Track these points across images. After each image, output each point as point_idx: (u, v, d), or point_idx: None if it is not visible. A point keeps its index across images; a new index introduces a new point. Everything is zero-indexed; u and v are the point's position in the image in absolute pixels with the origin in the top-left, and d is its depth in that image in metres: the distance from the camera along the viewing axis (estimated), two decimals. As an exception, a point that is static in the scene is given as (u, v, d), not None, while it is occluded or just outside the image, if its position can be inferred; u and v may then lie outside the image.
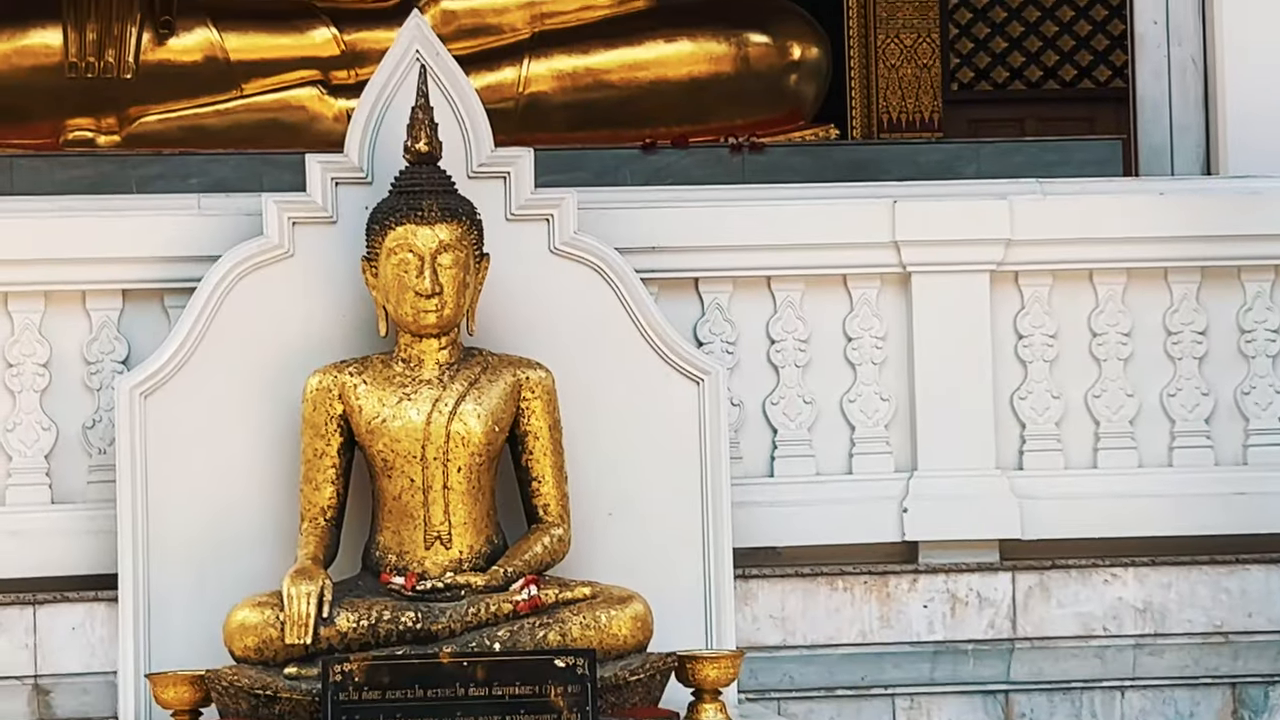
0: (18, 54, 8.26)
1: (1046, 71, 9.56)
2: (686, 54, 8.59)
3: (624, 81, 8.60)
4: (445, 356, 5.69)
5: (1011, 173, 7.64)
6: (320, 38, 8.53)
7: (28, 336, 6.04)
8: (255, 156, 7.85)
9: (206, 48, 8.41)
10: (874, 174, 7.88)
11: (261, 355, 5.89)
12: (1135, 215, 6.29)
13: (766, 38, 8.60)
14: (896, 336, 6.30)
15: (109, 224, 6.08)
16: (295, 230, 5.96)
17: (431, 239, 5.64)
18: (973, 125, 9.58)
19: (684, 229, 6.25)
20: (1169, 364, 6.33)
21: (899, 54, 9.50)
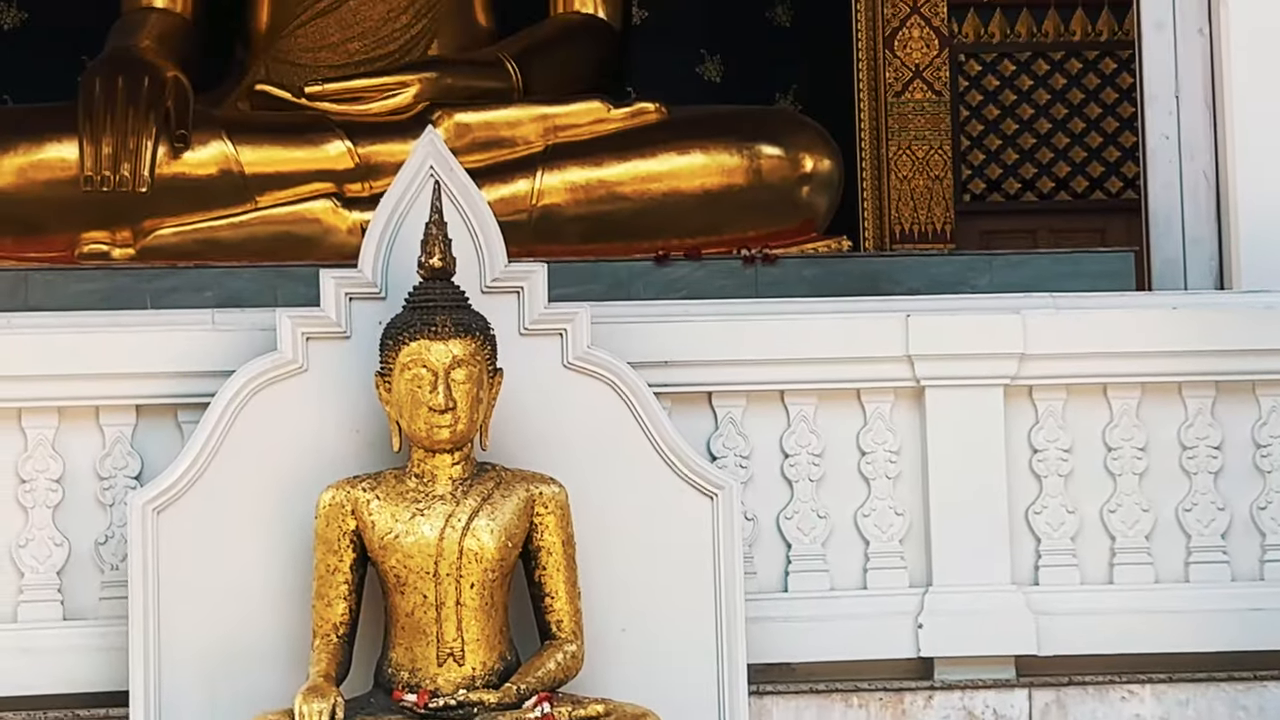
0: (33, 168, 8.30)
1: (1058, 183, 9.59)
2: (699, 166, 8.62)
3: (637, 193, 8.63)
4: (458, 472, 5.68)
5: (1024, 284, 7.65)
6: (334, 151, 8.57)
7: (41, 452, 6.04)
8: (270, 269, 7.87)
9: (221, 161, 8.45)
10: (887, 285, 7.88)
11: (275, 471, 5.89)
12: (1149, 329, 6.28)
13: (779, 150, 8.63)
14: (910, 451, 6.29)
15: (123, 339, 6.09)
16: (309, 345, 5.97)
17: (445, 354, 5.65)
18: (985, 236, 9.61)
19: (697, 343, 6.26)
20: (1184, 479, 6.31)
21: (911, 166, 9.54)
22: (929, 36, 9.55)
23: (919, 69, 9.54)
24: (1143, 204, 7.23)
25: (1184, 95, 7.04)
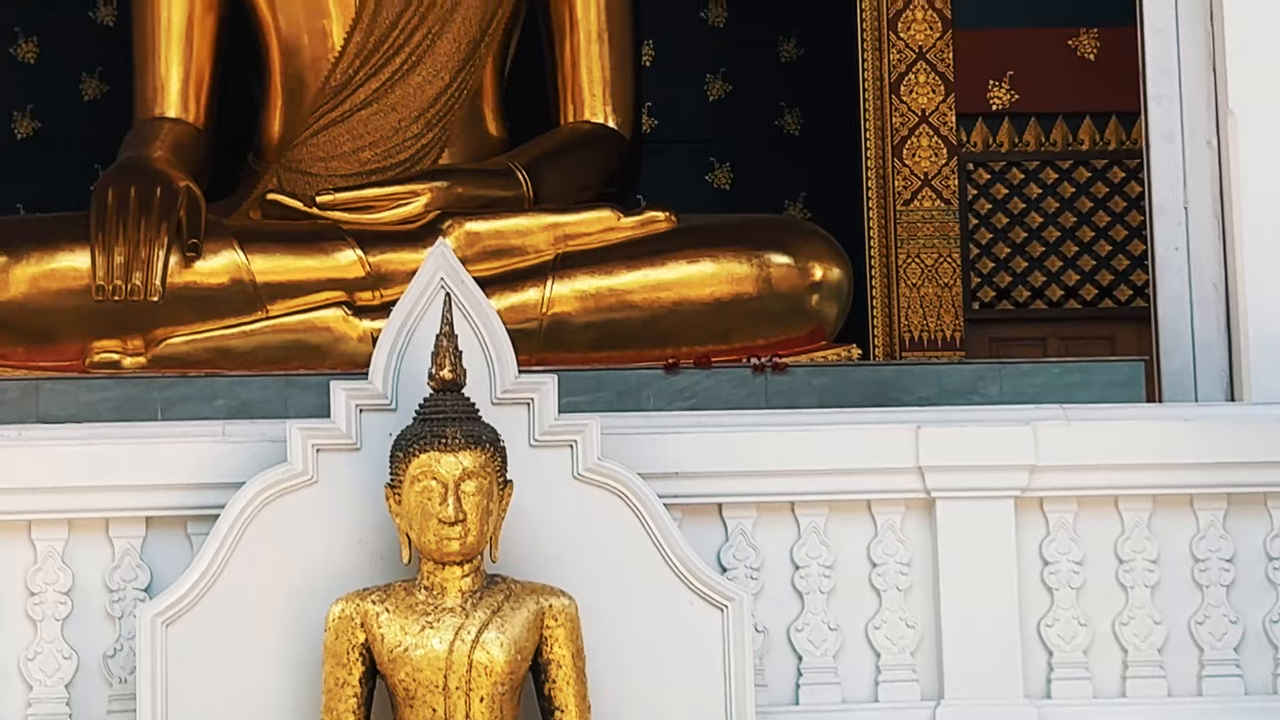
0: (46, 277, 8.32)
1: (1068, 291, 9.60)
2: (709, 275, 8.64)
3: (647, 302, 8.64)
4: (468, 584, 5.67)
5: (1034, 393, 7.64)
6: (345, 260, 8.60)
7: (50, 564, 6.05)
8: (280, 378, 7.88)
9: (233, 270, 8.47)
10: (897, 394, 7.88)
11: (284, 583, 5.89)
12: (1160, 442, 6.29)
13: (788, 258, 8.64)
14: (921, 562, 6.28)
15: (134, 451, 6.10)
16: (319, 457, 5.98)
17: (455, 466, 5.66)
18: (995, 344, 9.61)
19: (707, 455, 6.27)
20: (1197, 591, 6.30)
21: (920, 273, 9.56)
22: (937, 145, 9.60)
23: (928, 177, 9.58)
24: (1152, 314, 7.24)
25: (1193, 207, 7.07)
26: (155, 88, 9.30)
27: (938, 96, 9.61)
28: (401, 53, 9.24)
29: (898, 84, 9.59)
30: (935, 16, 9.57)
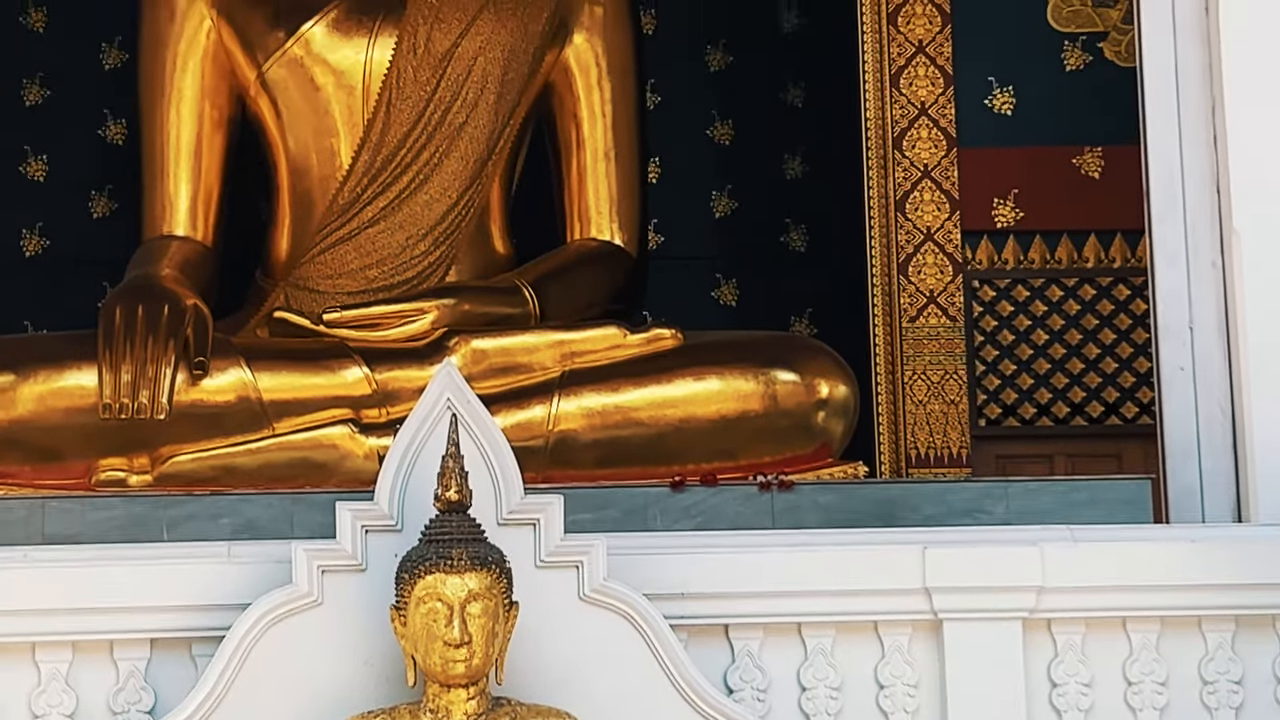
0: (52, 395, 8.34)
1: (1074, 408, 9.61)
2: (715, 392, 8.65)
3: (653, 419, 8.65)
4: (473, 707, 5.66)
5: (1041, 511, 7.63)
6: (352, 377, 8.62)
7: (54, 686, 6.03)
8: (286, 496, 7.88)
9: (239, 388, 8.49)
10: (903, 512, 7.87)
11: (290, 705, 5.87)
12: (1168, 563, 6.27)
13: (794, 376, 8.66)
14: (929, 684, 6.26)
15: (138, 572, 6.10)
16: (324, 578, 5.98)
17: (461, 588, 5.66)
18: (1001, 461, 9.61)
19: (714, 575, 6.26)
20: (1205, 714, 6.27)
21: (926, 390, 9.57)
22: (943, 263, 9.63)
23: (933, 294, 9.60)
24: (1159, 434, 7.23)
25: (1198, 327, 7.08)
26: (164, 206, 9.35)
27: (943, 214, 9.65)
28: (409, 171, 9.28)
29: (903, 201, 9.64)
30: (940, 135, 9.62)
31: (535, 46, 9.47)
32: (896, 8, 9.67)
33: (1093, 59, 9.70)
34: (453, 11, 9.33)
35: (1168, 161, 7.34)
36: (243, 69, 9.39)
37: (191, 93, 9.38)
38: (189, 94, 9.39)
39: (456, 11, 9.34)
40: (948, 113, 9.66)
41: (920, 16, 9.65)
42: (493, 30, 9.37)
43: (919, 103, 9.64)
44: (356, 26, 9.32)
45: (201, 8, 9.40)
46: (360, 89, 9.30)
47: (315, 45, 9.32)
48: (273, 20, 9.36)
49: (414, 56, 9.27)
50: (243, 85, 9.42)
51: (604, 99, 9.66)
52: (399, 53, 9.26)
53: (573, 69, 9.63)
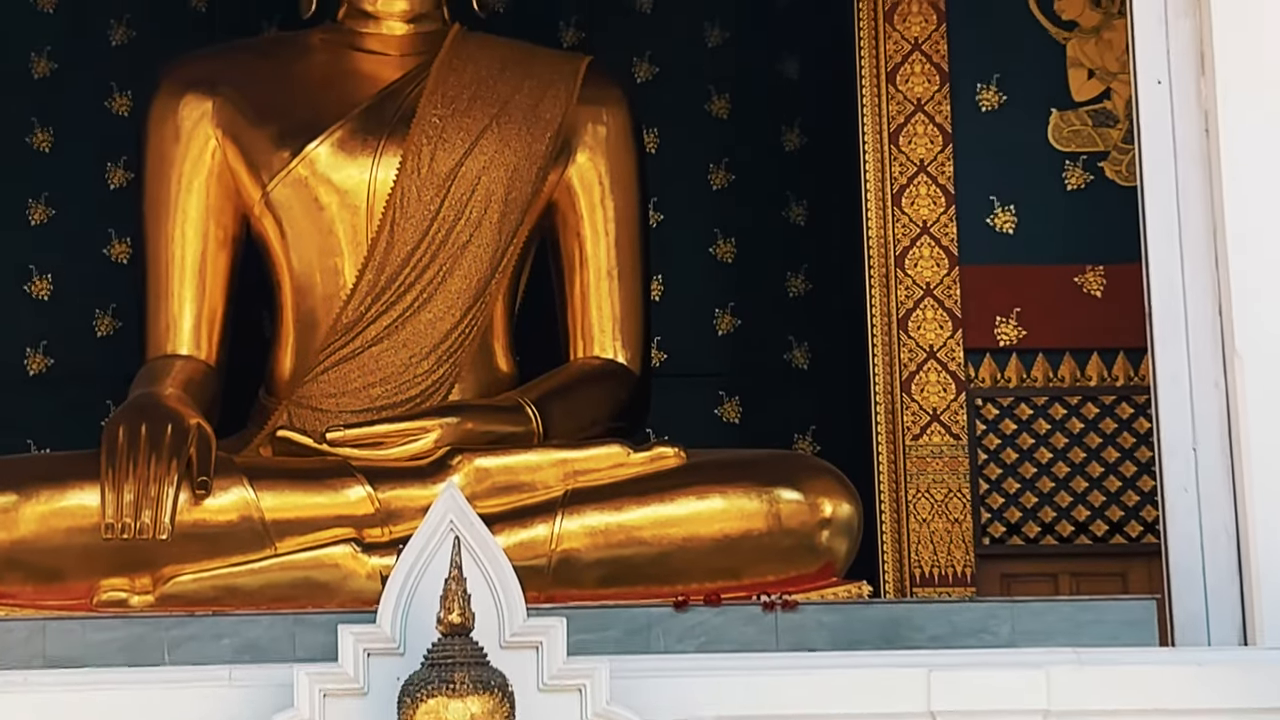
0: (55, 515, 8.33)
1: (1078, 527, 9.59)
2: (718, 511, 8.64)
3: (656, 538, 8.63)
4: (476, 833, 5.62)
5: (1046, 631, 7.61)
6: (355, 496, 8.61)
7: (56, 812, 5.99)
8: (288, 616, 7.85)
9: (242, 507, 8.48)
10: (908, 631, 7.84)
11: (290, 832, 5.83)
12: (1174, 687, 6.25)
13: (798, 495, 8.65)
14: (935, 809, 6.22)
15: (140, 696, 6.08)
16: (326, 702, 5.96)
17: (463, 713, 5.65)
18: (1005, 580, 9.58)
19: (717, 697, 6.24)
20: (1213, 839, 6.23)
21: (930, 509, 9.56)
22: (946, 381, 9.64)
23: (936, 413, 9.61)
24: (1163, 556, 7.22)
25: (1201, 449, 7.08)
26: (167, 325, 9.38)
27: (945, 332, 9.66)
28: (413, 290, 9.31)
29: (906, 319, 9.66)
30: (942, 254, 9.66)
31: (539, 165, 9.52)
32: (898, 127, 9.72)
33: (1094, 178, 9.75)
34: (456, 131, 9.39)
35: (1169, 283, 7.37)
36: (247, 188, 9.44)
37: (196, 212, 9.43)
38: (194, 214, 9.43)
39: (460, 131, 9.39)
40: (950, 231, 9.70)
41: (922, 136, 9.71)
42: (496, 149, 9.42)
43: (921, 221, 9.68)
44: (361, 146, 9.37)
45: (207, 128, 9.46)
46: (364, 208, 9.34)
47: (320, 165, 9.36)
48: (278, 140, 9.41)
49: (418, 176, 9.32)
50: (247, 204, 9.47)
51: (607, 217, 9.70)
52: (403, 172, 9.30)
53: (576, 188, 9.68)
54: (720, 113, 10.81)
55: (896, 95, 9.76)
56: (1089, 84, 9.82)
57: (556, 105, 9.60)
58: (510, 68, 9.65)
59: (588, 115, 9.68)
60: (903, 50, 9.77)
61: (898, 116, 9.75)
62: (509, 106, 9.52)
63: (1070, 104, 9.80)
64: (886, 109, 9.76)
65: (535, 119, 9.54)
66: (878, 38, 9.81)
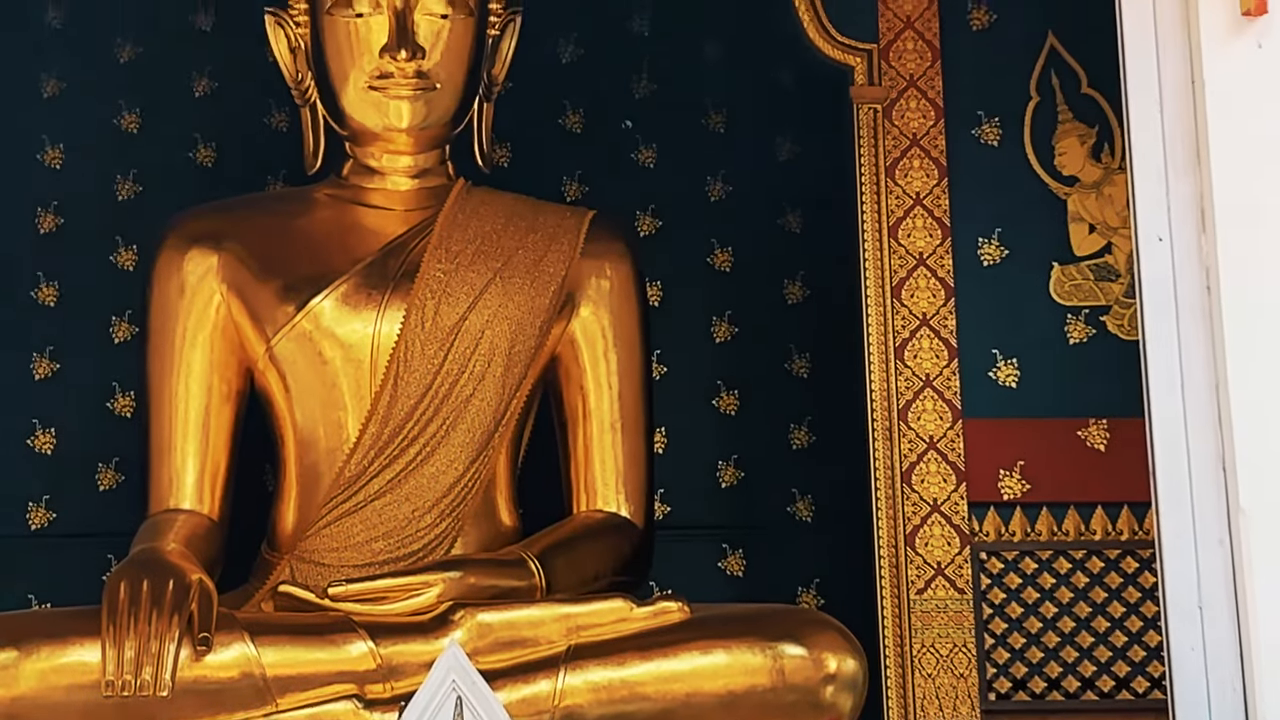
0: (55, 673, 8.27)
1: (1084, 682, 9.54)
2: (722, 666, 8.60)
3: (659, 694, 8.58)
4: None
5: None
6: (356, 651, 8.57)
7: None
8: (288, 775, 7.83)
9: (243, 663, 8.44)
10: (915, 792, 7.81)
11: None
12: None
13: (802, 650, 8.60)
14: None
15: None
16: None
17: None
18: (1011, 735, 9.56)
19: None
20: None
21: (935, 663, 9.51)
22: (950, 534, 9.62)
23: (941, 566, 9.58)
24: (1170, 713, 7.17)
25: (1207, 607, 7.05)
26: (170, 480, 9.38)
27: (949, 486, 9.66)
28: (416, 444, 9.31)
29: (909, 473, 9.65)
30: (945, 407, 9.67)
31: (542, 319, 9.55)
32: (900, 281, 9.77)
33: (1096, 332, 9.78)
34: (460, 285, 9.43)
35: (1173, 438, 7.37)
36: (251, 343, 9.47)
37: (200, 367, 9.46)
38: (198, 368, 9.46)
39: (464, 285, 9.43)
40: (953, 384, 9.71)
41: (924, 290, 9.75)
42: (500, 303, 9.45)
43: (924, 375, 9.70)
44: (365, 300, 9.41)
45: (212, 282, 9.51)
46: (368, 362, 9.36)
47: (324, 319, 9.40)
48: (282, 294, 9.45)
49: (422, 330, 9.35)
50: (251, 358, 9.49)
51: (610, 370, 9.73)
52: (407, 326, 9.33)
53: (579, 341, 9.71)
54: (723, 265, 10.87)
55: (898, 249, 9.81)
56: (1090, 238, 9.87)
57: (560, 259, 9.65)
58: (514, 222, 9.71)
59: (591, 269, 9.74)
60: (904, 205, 9.83)
61: (900, 270, 9.79)
62: (513, 260, 9.58)
63: (1072, 258, 9.85)
64: (888, 263, 9.81)
65: (539, 273, 9.58)
66: (879, 192, 9.87)
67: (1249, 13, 7.18)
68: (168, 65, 10.86)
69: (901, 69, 9.89)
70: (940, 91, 9.88)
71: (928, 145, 9.84)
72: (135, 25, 10.88)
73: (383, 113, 9.54)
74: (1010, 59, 9.94)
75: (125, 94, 10.80)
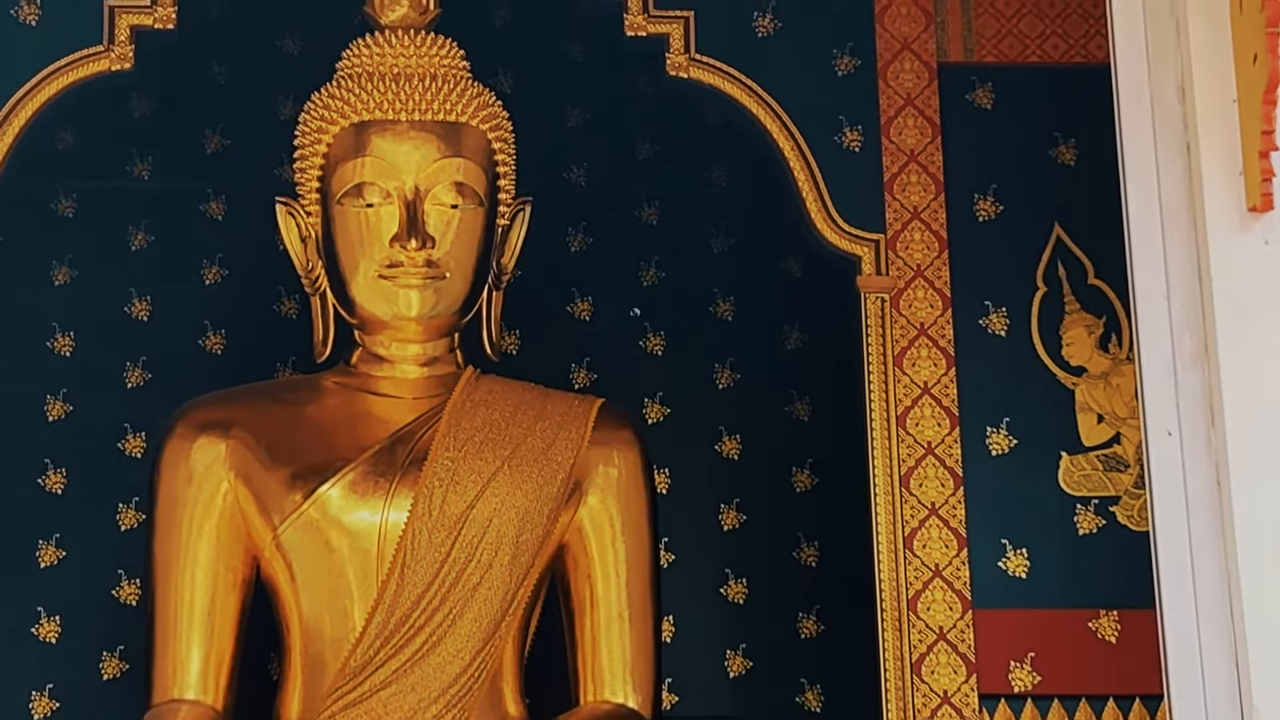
0: None
1: None
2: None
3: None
4: None
5: None
6: None
7: None
8: None
9: None
10: None
11: None
12: None
13: None
14: None
15: None
16: None
17: None
18: None
19: None
20: None
21: None
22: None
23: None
24: None
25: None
26: (174, 669, 9.33)
27: (959, 677, 9.59)
28: (422, 633, 9.26)
29: (919, 664, 9.59)
30: (955, 598, 9.63)
31: (550, 508, 9.53)
32: (909, 470, 9.75)
33: (1106, 523, 9.75)
34: (468, 474, 9.42)
35: (1184, 632, 7.33)
36: (258, 531, 9.45)
37: (207, 556, 9.43)
38: (204, 557, 9.43)
39: (472, 474, 9.42)
40: (962, 574, 9.67)
41: (933, 479, 9.73)
42: (508, 492, 9.44)
43: (933, 564, 9.66)
44: (373, 489, 9.40)
45: (220, 470, 9.50)
46: (375, 551, 9.33)
47: (331, 508, 9.38)
48: (290, 482, 9.44)
49: (429, 518, 9.33)
50: (257, 547, 9.47)
51: (618, 559, 9.70)
52: (414, 514, 9.31)
53: (587, 530, 9.69)
54: (731, 454, 10.88)
55: (907, 438, 9.81)
56: (1098, 428, 9.87)
57: (568, 448, 9.65)
58: (522, 410, 9.72)
59: (599, 457, 9.73)
60: (912, 394, 9.84)
61: (908, 459, 9.78)
62: (521, 448, 9.57)
63: (1080, 448, 9.84)
64: (897, 452, 9.80)
65: (547, 461, 9.58)
66: (887, 381, 9.88)
67: (1255, 208, 7.22)
68: (179, 252, 10.94)
69: (909, 259, 9.94)
70: (947, 281, 9.92)
71: (935, 334, 9.87)
72: (146, 212, 10.97)
73: (392, 301, 9.58)
74: (1017, 249, 10.00)
75: (136, 281, 10.87)
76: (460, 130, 9.66)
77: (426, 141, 9.57)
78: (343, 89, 9.69)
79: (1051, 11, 10.25)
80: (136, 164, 11.02)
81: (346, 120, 9.61)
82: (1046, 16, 10.23)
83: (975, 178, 10.06)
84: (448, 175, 9.57)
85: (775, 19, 10.08)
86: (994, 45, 10.23)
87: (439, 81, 9.66)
